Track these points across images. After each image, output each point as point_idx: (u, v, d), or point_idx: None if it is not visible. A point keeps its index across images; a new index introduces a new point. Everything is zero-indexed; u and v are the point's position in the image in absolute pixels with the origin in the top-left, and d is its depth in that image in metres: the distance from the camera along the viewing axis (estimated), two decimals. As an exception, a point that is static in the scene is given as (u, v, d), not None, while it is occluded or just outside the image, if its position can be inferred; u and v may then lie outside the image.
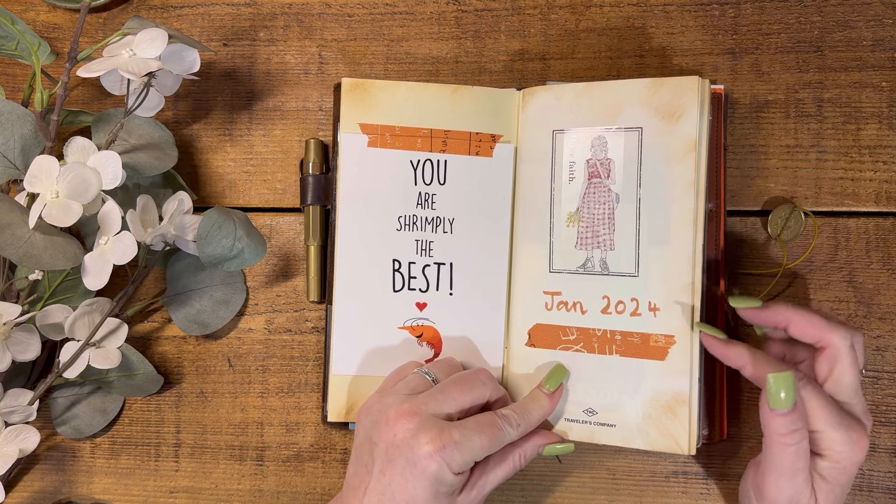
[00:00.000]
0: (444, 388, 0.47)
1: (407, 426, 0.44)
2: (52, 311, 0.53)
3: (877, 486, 0.54)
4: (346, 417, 0.54)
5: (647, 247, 0.50)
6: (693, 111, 0.49)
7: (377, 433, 0.46)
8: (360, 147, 0.54)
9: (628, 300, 0.50)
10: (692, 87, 0.49)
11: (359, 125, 0.54)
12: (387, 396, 0.48)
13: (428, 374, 0.50)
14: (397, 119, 0.54)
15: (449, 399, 0.47)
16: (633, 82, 0.51)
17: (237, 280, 0.59)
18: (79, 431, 0.58)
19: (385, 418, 0.46)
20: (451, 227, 0.54)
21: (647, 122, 0.50)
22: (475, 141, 0.54)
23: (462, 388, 0.48)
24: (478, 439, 0.45)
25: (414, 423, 0.44)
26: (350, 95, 0.54)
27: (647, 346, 0.50)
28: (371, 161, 0.54)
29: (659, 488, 0.55)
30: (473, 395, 0.48)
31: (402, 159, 0.54)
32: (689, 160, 0.49)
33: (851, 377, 0.45)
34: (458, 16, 0.59)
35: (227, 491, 0.58)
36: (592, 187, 0.52)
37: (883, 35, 0.56)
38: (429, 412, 0.45)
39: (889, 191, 0.55)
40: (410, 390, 0.48)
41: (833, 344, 0.45)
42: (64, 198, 0.49)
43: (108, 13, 0.62)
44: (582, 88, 0.52)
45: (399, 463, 0.44)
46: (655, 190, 0.50)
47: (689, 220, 0.49)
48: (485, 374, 0.49)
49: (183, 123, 0.61)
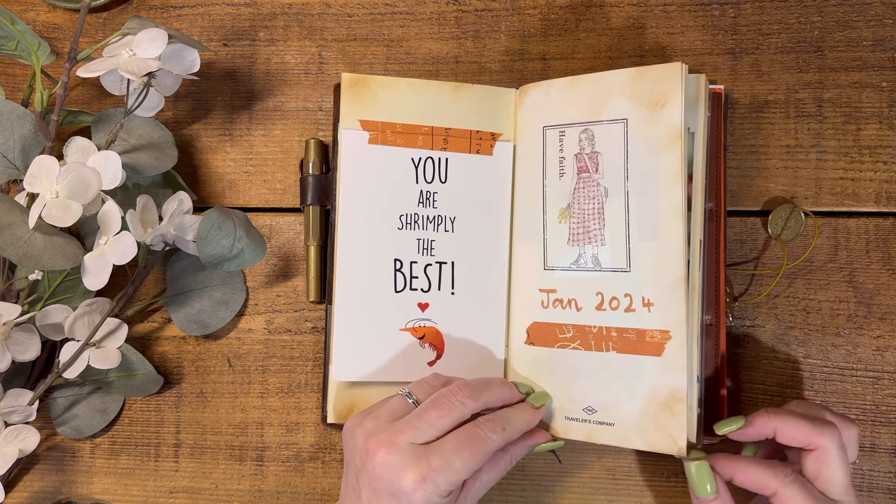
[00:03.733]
0: (421, 413, 0.46)
1: (385, 459, 0.44)
2: (52, 311, 0.53)
3: (877, 486, 0.54)
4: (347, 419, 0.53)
5: (638, 241, 0.49)
6: (677, 98, 0.48)
7: (360, 461, 0.45)
8: (361, 144, 0.53)
9: (622, 296, 0.50)
10: (675, 74, 0.48)
11: (359, 122, 0.53)
12: (367, 420, 0.47)
13: (409, 395, 0.48)
14: (398, 116, 0.53)
15: (426, 425, 0.45)
16: (618, 73, 0.50)
17: (237, 280, 0.59)
18: (79, 431, 0.58)
19: (365, 448, 0.45)
20: (452, 225, 0.54)
21: (633, 112, 0.49)
22: (475, 139, 0.54)
23: (440, 411, 0.46)
24: (459, 460, 0.44)
25: (392, 456, 0.44)
26: (350, 91, 0.53)
27: (643, 341, 0.49)
28: (372, 158, 0.53)
29: (659, 488, 0.55)
30: (452, 418, 0.46)
31: (403, 157, 0.54)
32: (675, 150, 0.48)
33: (841, 476, 0.44)
34: (458, 16, 0.59)
35: (227, 491, 0.58)
36: (582, 182, 0.51)
37: (883, 35, 0.56)
38: (406, 441, 0.44)
39: (889, 191, 0.55)
40: (390, 414, 0.47)
41: (820, 447, 0.44)
42: (64, 198, 0.49)
43: (108, 13, 0.62)
44: (568, 83, 0.52)
45: (384, 496, 0.44)
46: (643, 182, 0.49)
47: (678, 212, 0.48)
48: (464, 392, 0.47)
49: (183, 123, 0.61)
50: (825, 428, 0.45)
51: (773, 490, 0.44)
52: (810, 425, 0.45)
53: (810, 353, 0.55)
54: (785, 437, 0.46)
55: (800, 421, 0.45)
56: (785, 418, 0.46)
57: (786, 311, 0.55)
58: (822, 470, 0.45)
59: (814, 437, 0.44)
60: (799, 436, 0.45)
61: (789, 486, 0.44)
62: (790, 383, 0.55)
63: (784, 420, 0.46)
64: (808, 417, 0.46)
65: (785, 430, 0.45)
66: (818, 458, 0.45)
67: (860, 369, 0.55)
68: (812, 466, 0.45)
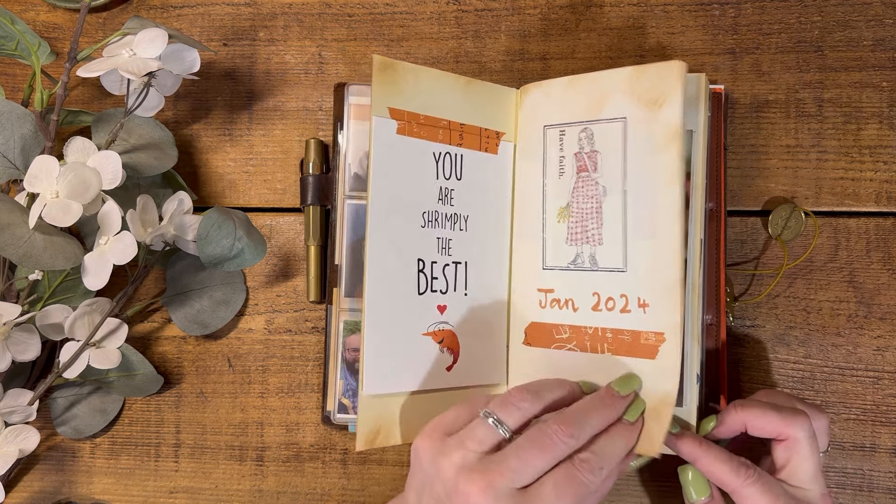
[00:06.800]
0: (520, 453, 0.42)
1: (481, 502, 0.40)
2: (52, 311, 0.53)
3: (877, 486, 0.54)
4: (374, 444, 0.48)
5: (634, 241, 0.48)
6: (676, 97, 0.47)
7: (444, 493, 0.42)
8: (391, 134, 0.49)
9: (618, 296, 0.49)
10: (674, 72, 0.47)
11: (388, 109, 0.49)
12: (453, 451, 0.43)
13: (498, 422, 0.43)
14: (421, 107, 0.50)
15: (528, 467, 0.41)
16: (618, 71, 0.49)
17: (237, 280, 0.59)
18: (79, 431, 0.58)
19: (455, 485, 0.41)
20: (465, 224, 0.52)
21: (632, 110, 0.48)
22: (484, 137, 0.53)
23: (542, 451, 0.42)
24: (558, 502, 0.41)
25: (489, 501, 0.40)
26: (381, 76, 0.48)
27: (637, 343, 0.48)
28: (399, 150, 0.49)
29: (659, 488, 0.55)
30: (553, 458, 0.42)
31: (426, 150, 0.50)
32: (673, 149, 0.47)
33: (809, 464, 0.44)
34: (458, 16, 0.59)
35: (227, 491, 0.58)
36: (581, 181, 0.51)
37: (883, 35, 0.56)
38: (506, 485, 0.41)
39: (889, 191, 0.55)
40: (478, 444, 0.43)
41: (791, 437, 0.44)
42: (64, 198, 0.49)
43: (108, 13, 0.62)
44: (569, 82, 0.51)
45: None
46: (641, 181, 0.48)
47: (675, 212, 0.47)
48: (566, 431, 0.42)
49: (183, 123, 0.61)
50: (795, 418, 0.44)
51: (733, 489, 0.44)
52: (779, 416, 0.45)
53: (810, 353, 0.55)
54: (755, 429, 0.45)
55: (769, 412, 0.45)
56: (754, 411, 0.45)
57: (786, 311, 0.55)
58: (791, 459, 0.45)
59: (783, 427, 0.44)
60: (769, 427, 0.45)
61: (749, 486, 0.44)
62: (790, 383, 0.55)
63: (753, 413, 0.45)
64: (777, 408, 0.45)
65: (755, 422, 0.45)
66: (788, 448, 0.45)
67: (860, 369, 0.55)
68: (782, 455, 0.45)
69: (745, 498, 0.44)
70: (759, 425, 0.45)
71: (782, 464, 0.45)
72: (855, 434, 0.54)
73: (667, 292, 0.47)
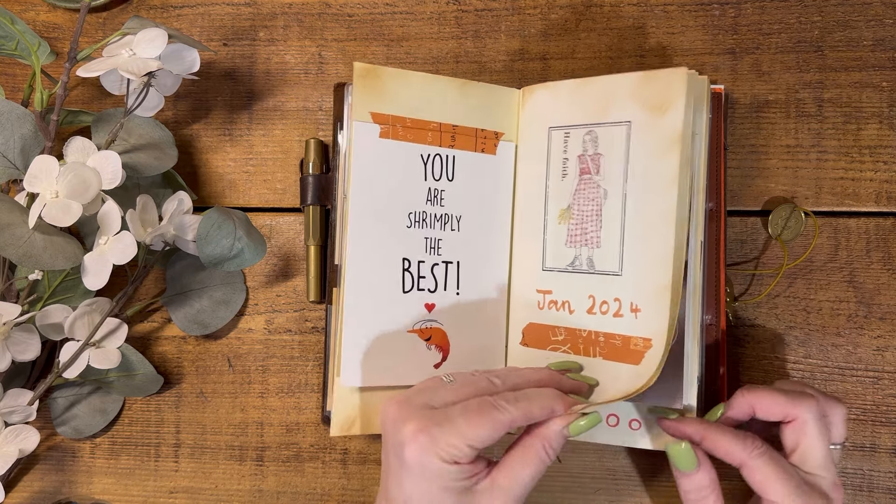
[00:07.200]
0: (445, 385, 0.45)
1: (396, 415, 0.43)
2: (51, 311, 0.53)
3: (877, 486, 0.54)
4: (349, 431, 0.51)
5: (631, 245, 0.49)
6: (679, 103, 0.47)
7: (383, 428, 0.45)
8: (373, 138, 0.51)
9: (612, 300, 0.49)
10: (680, 79, 0.47)
11: (370, 114, 0.51)
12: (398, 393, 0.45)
13: (448, 375, 0.46)
14: (408, 110, 0.52)
15: (448, 393, 0.44)
16: (626, 76, 0.49)
17: (237, 280, 0.59)
18: (79, 431, 0.58)
19: (384, 410, 0.44)
20: (458, 224, 0.53)
21: (636, 115, 0.49)
22: (481, 138, 0.53)
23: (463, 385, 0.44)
24: (464, 422, 0.41)
25: (402, 412, 0.43)
26: (362, 82, 0.50)
27: (626, 349, 0.48)
28: (382, 153, 0.51)
29: (659, 488, 0.55)
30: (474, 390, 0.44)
31: (412, 153, 0.52)
32: (674, 154, 0.47)
33: (819, 449, 0.44)
34: (458, 16, 0.59)
35: (227, 491, 0.58)
36: (583, 183, 0.51)
37: (883, 35, 0.56)
38: (420, 400, 0.43)
39: (889, 191, 0.55)
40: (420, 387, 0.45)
41: (798, 417, 0.44)
42: (64, 198, 0.49)
43: (108, 13, 0.62)
44: (577, 85, 0.51)
45: (391, 455, 0.43)
46: (641, 185, 0.48)
47: (671, 218, 0.47)
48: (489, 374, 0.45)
49: (183, 123, 0.61)
50: (802, 399, 0.45)
51: (741, 461, 0.44)
52: (786, 397, 0.45)
53: (810, 353, 0.55)
54: (762, 411, 0.45)
55: (776, 394, 0.45)
56: (761, 393, 0.46)
57: (786, 311, 0.55)
58: (800, 441, 0.44)
59: (790, 408, 0.44)
60: (775, 408, 0.45)
61: (757, 458, 0.43)
62: (790, 383, 0.55)
63: (760, 395, 0.46)
64: (785, 391, 0.45)
65: (761, 404, 0.45)
66: (795, 429, 0.45)
67: (860, 369, 0.55)
68: (790, 438, 0.45)
69: (753, 470, 0.43)
70: (766, 406, 0.45)
71: (792, 447, 0.45)
72: (855, 434, 0.54)
73: (658, 297, 0.47)
